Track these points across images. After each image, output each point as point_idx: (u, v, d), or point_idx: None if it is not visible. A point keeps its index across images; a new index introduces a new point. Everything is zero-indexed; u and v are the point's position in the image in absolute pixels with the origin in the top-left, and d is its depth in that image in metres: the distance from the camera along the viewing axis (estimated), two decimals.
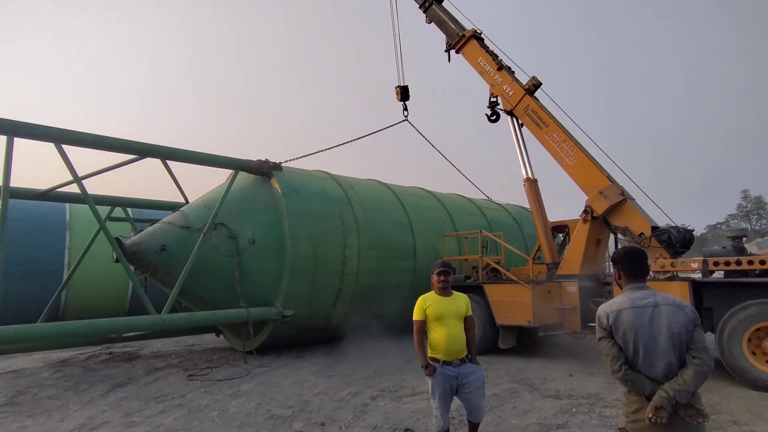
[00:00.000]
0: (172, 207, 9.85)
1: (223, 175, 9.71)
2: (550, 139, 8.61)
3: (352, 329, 9.71)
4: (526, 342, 8.74)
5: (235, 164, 8.72)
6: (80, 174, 7.25)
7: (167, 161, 8.33)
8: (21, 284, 9.36)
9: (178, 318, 7.46)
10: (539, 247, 9.04)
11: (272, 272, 8.43)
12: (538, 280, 8.28)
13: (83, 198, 7.31)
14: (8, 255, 10.10)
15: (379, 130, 12.54)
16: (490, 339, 8.37)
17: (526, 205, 9.80)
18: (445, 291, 3.83)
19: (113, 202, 9.91)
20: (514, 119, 9.54)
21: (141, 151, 7.82)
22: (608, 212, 7.69)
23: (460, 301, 3.84)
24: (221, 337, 10.38)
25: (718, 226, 70.04)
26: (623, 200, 7.64)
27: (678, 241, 7.03)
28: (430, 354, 3.79)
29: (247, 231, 8.51)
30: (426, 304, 3.81)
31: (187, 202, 9.69)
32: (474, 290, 8.79)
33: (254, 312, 8.08)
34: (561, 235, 9.33)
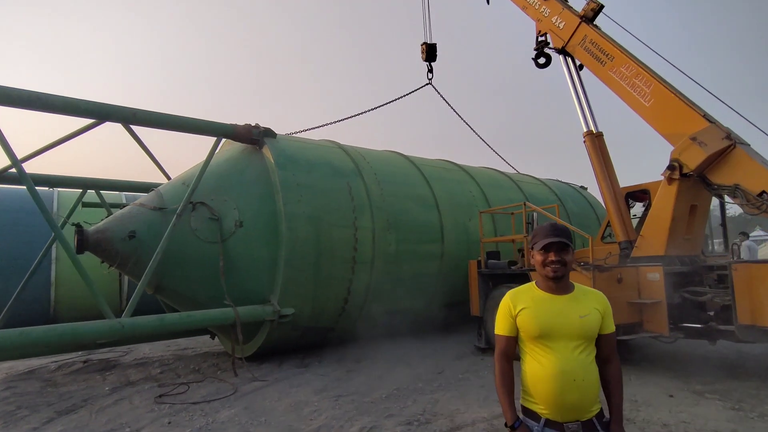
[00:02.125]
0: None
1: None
2: (617, 76, 6.52)
3: (368, 329, 7.98)
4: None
5: (217, 130, 7.03)
6: (25, 150, 5.67)
7: (131, 126, 6.68)
8: (3, 282, 8.01)
9: (143, 323, 5.84)
10: (608, 221, 7.05)
11: (265, 261, 6.75)
12: (603, 264, 6.26)
13: (22, 180, 5.72)
14: None
15: (400, 98, 10.88)
16: None
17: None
18: (559, 283, 1.99)
19: (84, 184, 8.41)
20: (569, 59, 7.49)
21: (96, 113, 6.20)
22: (707, 165, 5.49)
23: (590, 304, 1.98)
24: (216, 339, 8.82)
25: None
26: (731, 145, 5.35)
27: None
28: (523, 402, 2.01)
29: (232, 211, 6.84)
30: (518, 306, 2.00)
31: (169, 179, 8.07)
32: (518, 280, 6.94)
33: (243, 312, 6.43)
34: (641, 204, 7.22)
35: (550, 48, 7.93)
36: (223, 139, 7.79)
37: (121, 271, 7.13)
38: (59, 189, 9.33)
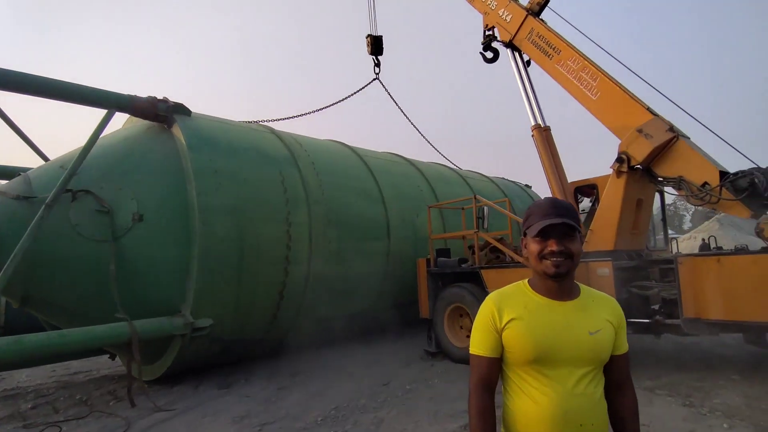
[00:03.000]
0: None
1: None
2: (564, 70, 6.22)
3: (306, 338, 6.94)
4: None
5: (108, 101, 5.67)
6: None
7: None
8: None
9: None
10: None
11: (174, 264, 5.50)
12: None
13: None
14: None
15: (346, 98, 9.97)
16: None
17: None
18: (562, 283, 1.42)
19: None
20: (516, 53, 7.16)
21: None
22: (652, 157, 5.35)
23: (601, 315, 1.43)
24: (118, 359, 7.31)
25: None
26: (674, 138, 5.23)
27: (766, 188, 4.78)
28: None
29: (129, 202, 5.52)
30: (505, 314, 1.41)
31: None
32: (468, 279, 6.34)
33: (143, 326, 5.14)
34: (588, 198, 6.93)
35: (498, 42, 7.56)
36: (128, 117, 6.46)
37: None
38: None
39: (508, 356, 1.38)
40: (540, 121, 6.75)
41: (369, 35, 9.81)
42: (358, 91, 9.98)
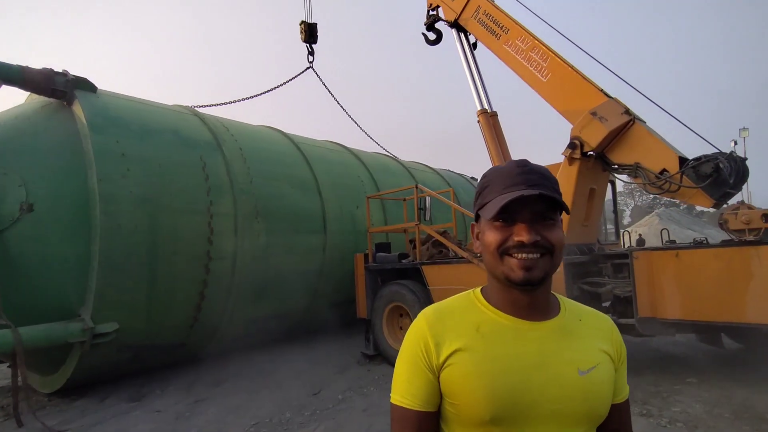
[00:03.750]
0: None
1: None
2: (512, 50, 5.97)
3: (232, 342, 6.42)
4: None
5: None
6: None
7: None
8: None
9: None
10: None
11: (71, 261, 4.80)
12: None
13: None
14: None
15: (278, 86, 9.50)
16: None
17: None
18: (534, 294, 0.92)
19: None
20: (461, 33, 6.90)
21: None
22: (607, 143, 5.06)
23: (594, 343, 0.94)
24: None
25: None
26: (630, 121, 4.93)
27: (732, 174, 4.44)
28: None
29: (16, 189, 4.75)
30: (446, 344, 0.91)
31: None
32: (409, 275, 6.01)
33: (31, 334, 4.44)
34: None
35: (442, 21, 7.28)
36: (28, 95, 5.63)
37: None
38: None
39: (451, 411, 0.89)
40: (486, 106, 6.52)
41: (303, 22, 9.35)
42: (290, 79, 9.57)
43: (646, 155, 4.88)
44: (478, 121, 6.53)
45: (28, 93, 5.73)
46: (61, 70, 5.36)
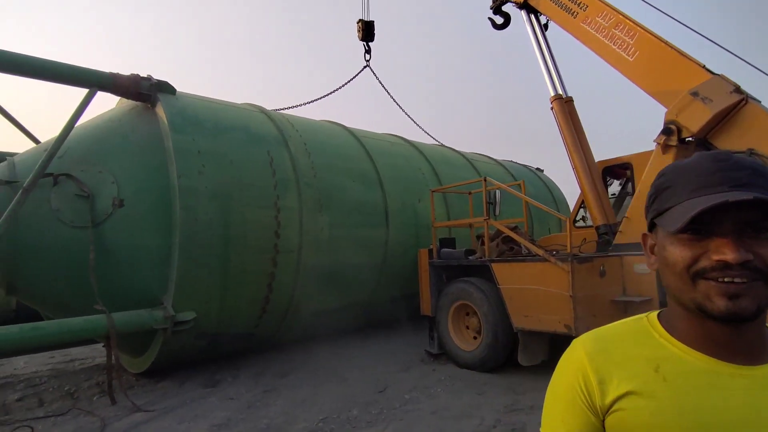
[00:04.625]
0: None
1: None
2: (592, 28, 5.46)
3: (296, 334, 6.62)
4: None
5: (88, 79, 5.28)
6: None
7: None
8: None
9: None
10: (582, 201, 6.03)
11: (155, 252, 5.16)
12: (582, 254, 5.15)
13: None
14: None
15: (338, 89, 9.55)
16: (504, 348, 5.37)
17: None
18: (741, 329, 0.68)
19: None
20: (532, 15, 6.48)
21: None
22: (711, 127, 4.38)
23: None
24: None
25: None
26: (742, 100, 4.27)
27: None
28: None
29: (110, 186, 5.17)
30: (611, 386, 0.73)
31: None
32: (479, 274, 5.74)
33: (121, 319, 4.84)
34: (619, 181, 6.25)
35: (511, 3, 6.89)
36: (119, 99, 6.09)
37: None
38: None
39: None
40: (561, 91, 6.06)
41: (360, 20, 9.32)
42: (349, 81, 9.57)
43: (762, 139, 4.20)
44: (551, 108, 6.10)
45: (118, 97, 6.23)
46: (145, 75, 5.75)
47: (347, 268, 6.52)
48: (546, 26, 6.56)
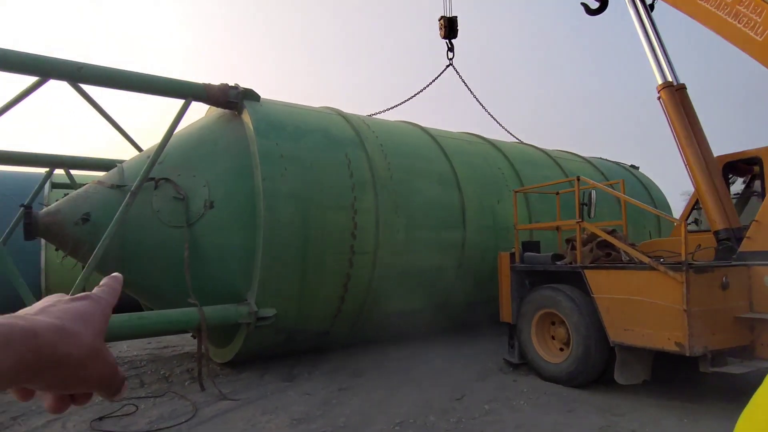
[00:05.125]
0: None
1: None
2: (712, 5, 4.80)
3: (370, 334, 6.64)
4: (668, 376, 5.00)
5: (183, 90, 5.74)
6: None
7: (80, 85, 5.49)
8: None
9: None
10: (695, 202, 5.35)
11: (240, 251, 5.47)
12: (698, 262, 4.56)
13: None
14: None
15: (421, 91, 9.47)
16: (597, 364, 4.91)
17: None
18: None
19: (52, 161, 7.37)
20: None
21: (32, 67, 5.01)
22: None
23: None
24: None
25: None
26: None
27: None
28: None
29: (201, 189, 5.57)
30: None
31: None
32: (568, 281, 5.31)
33: (211, 313, 5.18)
34: (743, 179, 5.48)
35: None
36: (209, 107, 6.56)
37: (75, 259, 6.01)
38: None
39: None
40: (671, 78, 5.40)
41: (442, 17, 9.07)
42: (432, 81, 9.41)
43: None
44: (659, 98, 5.46)
45: (208, 106, 6.72)
46: (233, 84, 6.13)
47: (422, 270, 6.41)
48: (652, 6, 5.93)
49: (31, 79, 5.19)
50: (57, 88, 6.07)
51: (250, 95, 6.11)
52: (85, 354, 0.46)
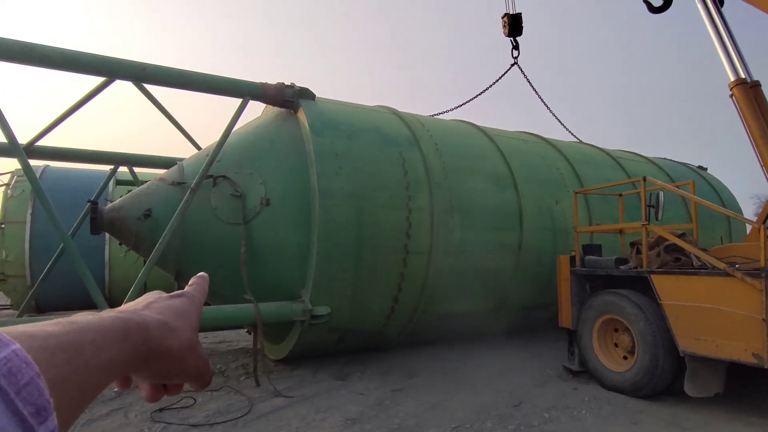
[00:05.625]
0: None
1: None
2: None
3: (423, 335, 6.50)
4: (743, 389, 4.66)
5: (241, 90, 5.84)
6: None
7: (144, 84, 5.70)
8: (62, 264, 7.67)
9: None
10: None
11: (295, 249, 5.48)
12: None
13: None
14: (45, 232, 8.89)
15: (486, 89, 9.24)
16: (665, 374, 4.58)
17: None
18: None
19: (116, 159, 7.73)
20: None
21: (98, 68, 5.25)
22: None
23: None
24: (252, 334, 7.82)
25: None
26: None
27: None
28: None
29: (258, 186, 5.63)
30: None
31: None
32: (633, 286, 5.01)
33: (267, 310, 5.22)
34: None
35: None
36: (265, 106, 6.66)
37: (138, 254, 6.25)
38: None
39: None
40: (744, 74, 5.05)
41: (506, 14, 8.77)
42: (497, 80, 9.13)
43: None
44: (731, 96, 5.07)
45: (265, 105, 6.82)
46: (289, 83, 6.18)
47: (478, 271, 6.20)
48: (722, 1, 5.52)
49: (97, 80, 5.44)
50: (123, 88, 6.44)
51: (306, 94, 6.14)
52: (184, 347, 0.49)
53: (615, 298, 5.05)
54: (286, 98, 6.01)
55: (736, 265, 4.28)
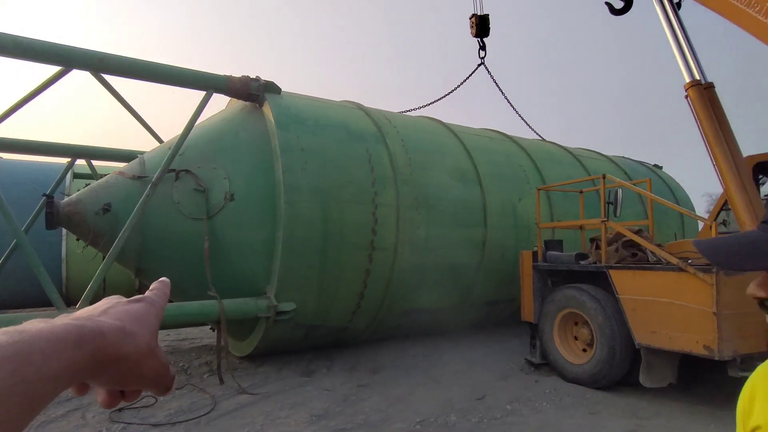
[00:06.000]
0: None
1: None
2: (741, 2, 4.61)
3: (389, 331, 6.57)
4: (694, 379, 4.88)
5: (205, 82, 5.70)
6: None
7: (103, 75, 5.49)
8: (15, 260, 7.25)
9: None
10: (724, 203, 5.20)
11: (260, 244, 5.43)
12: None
13: None
14: None
15: (452, 91, 9.32)
16: (622, 365, 4.80)
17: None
18: None
19: (74, 152, 7.41)
20: None
21: (54, 56, 5.02)
22: None
23: None
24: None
25: None
26: None
27: None
28: None
29: (222, 181, 5.53)
30: (753, 413, 0.72)
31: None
32: (592, 280, 5.21)
33: (231, 306, 5.15)
34: None
35: None
36: (230, 99, 6.52)
37: (97, 249, 6.03)
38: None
39: None
40: (699, 76, 5.28)
41: (474, 15, 8.88)
42: (464, 81, 9.24)
43: None
44: (686, 97, 5.29)
45: (229, 98, 6.68)
46: (254, 76, 6.08)
47: (442, 267, 6.31)
48: (679, 4, 5.77)
49: (53, 69, 5.20)
50: (80, 78, 6.17)
51: (271, 88, 6.05)
52: (142, 353, 0.49)
53: (575, 292, 5.25)
54: (251, 92, 5.91)
55: (690, 261, 4.51)
